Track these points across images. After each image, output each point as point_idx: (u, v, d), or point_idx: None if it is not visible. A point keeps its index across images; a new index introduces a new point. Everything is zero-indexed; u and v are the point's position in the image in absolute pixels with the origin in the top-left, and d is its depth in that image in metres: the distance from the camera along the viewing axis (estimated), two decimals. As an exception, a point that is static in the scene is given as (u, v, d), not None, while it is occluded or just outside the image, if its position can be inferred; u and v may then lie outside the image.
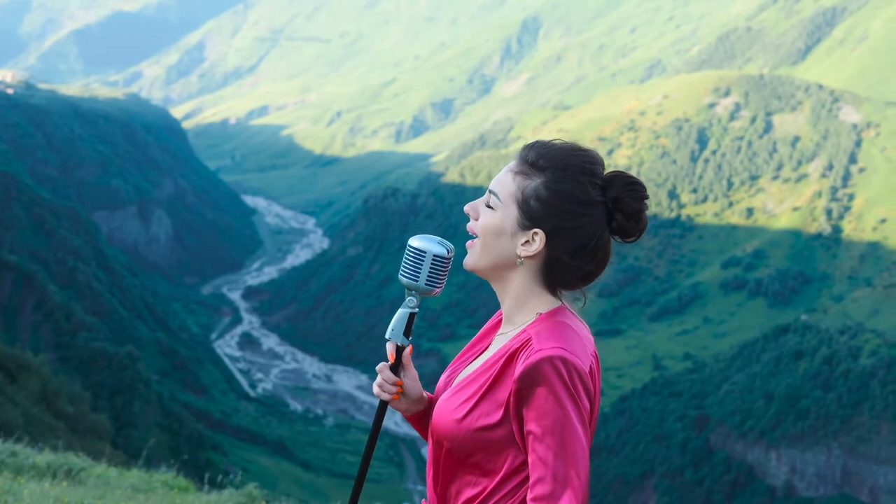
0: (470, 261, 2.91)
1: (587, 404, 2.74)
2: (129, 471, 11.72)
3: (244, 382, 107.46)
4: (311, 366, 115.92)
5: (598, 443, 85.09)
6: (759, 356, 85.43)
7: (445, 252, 2.81)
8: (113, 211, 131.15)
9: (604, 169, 2.86)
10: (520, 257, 2.83)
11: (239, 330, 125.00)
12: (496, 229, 2.84)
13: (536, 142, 2.88)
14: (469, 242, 2.91)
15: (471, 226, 2.91)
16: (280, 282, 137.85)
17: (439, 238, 2.83)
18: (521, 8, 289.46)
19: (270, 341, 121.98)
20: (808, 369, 79.93)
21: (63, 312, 78.93)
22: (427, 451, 3.03)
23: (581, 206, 2.78)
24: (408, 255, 2.81)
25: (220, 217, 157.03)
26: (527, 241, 2.82)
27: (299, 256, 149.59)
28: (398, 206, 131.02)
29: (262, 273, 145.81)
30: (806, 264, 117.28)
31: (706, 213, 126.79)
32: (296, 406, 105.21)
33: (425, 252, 2.80)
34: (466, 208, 2.93)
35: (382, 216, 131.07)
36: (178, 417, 75.43)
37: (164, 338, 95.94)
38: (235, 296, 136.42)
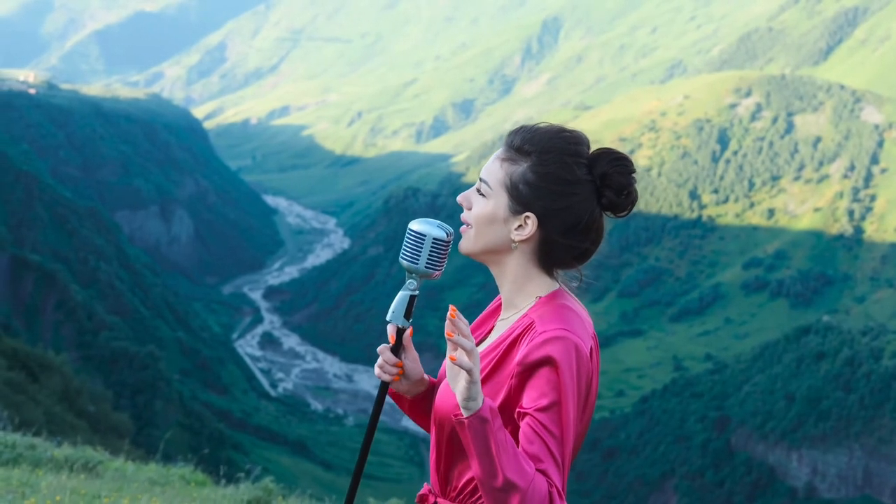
0: (465, 245, 2.95)
1: (584, 387, 2.78)
2: (146, 465, 11.81)
3: (265, 382, 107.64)
4: (332, 365, 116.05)
5: (618, 443, 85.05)
6: (780, 357, 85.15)
7: (445, 235, 2.84)
8: (134, 211, 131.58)
9: (589, 148, 2.90)
10: (514, 242, 2.88)
11: (260, 329, 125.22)
12: (489, 217, 2.89)
13: (521, 127, 2.92)
14: (463, 228, 2.96)
15: (464, 216, 2.95)
16: (301, 281, 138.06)
17: (439, 221, 2.87)
18: (542, 8, 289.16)
19: (291, 341, 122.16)
20: (829, 370, 79.61)
21: (85, 312, 79.25)
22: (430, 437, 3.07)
23: (569, 186, 2.82)
24: (408, 238, 2.85)
25: (242, 217, 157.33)
26: (519, 226, 2.86)
27: (320, 256, 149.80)
28: (419, 206, 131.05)
29: (282, 273, 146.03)
30: (827, 265, 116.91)
31: (727, 214, 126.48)
32: (316, 406, 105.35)
33: (425, 235, 2.84)
34: (459, 198, 2.96)
35: (403, 216, 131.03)
36: (199, 416, 75.61)
37: (186, 337, 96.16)
38: (256, 295, 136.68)
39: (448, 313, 2.72)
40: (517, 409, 2.78)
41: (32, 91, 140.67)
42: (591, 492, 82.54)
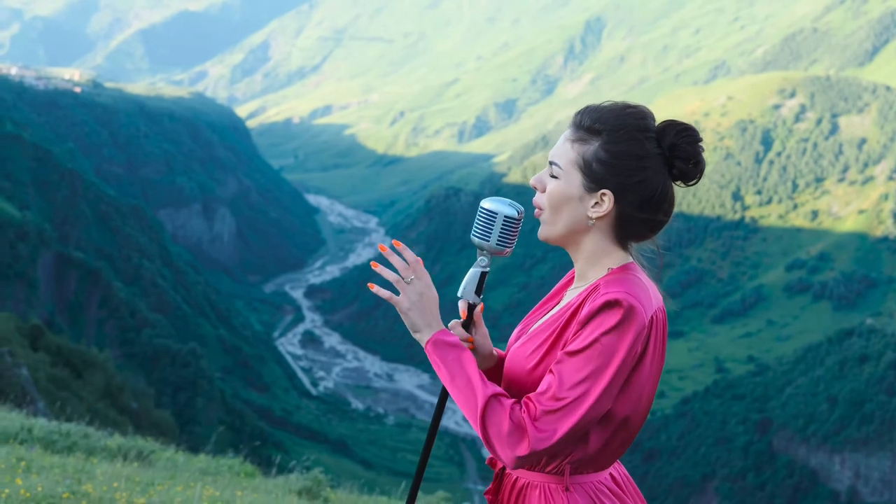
0: (544, 231, 2.99)
1: (637, 350, 2.81)
2: (196, 456, 11.93)
3: (306, 380, 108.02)
4: (373, 364, 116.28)
5: (659, 445, 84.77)
6: (823, 360, 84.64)
7: (516, 213, 2.91)
8: (177, 209, 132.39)
9: (655, 121, 2.98)
10: (591, 219, 2.93)
11: (301, 328, 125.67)
12: (564, 196, 2.93)
13: (587, 107, 2.98)
14: (537, 212, 3.01)
15: (537, 199, 2.99)
16: (342, 280, 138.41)
17: (510, 200, 2.93)
18: (584, 8, 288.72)
19: (332, 340, 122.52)
20: (872, 373, 79.08)
21: (128, 309, 79.81)
22: None
23: (641, 161, 2.89)
24: (480, 216, 2.91)
25: (283, 216, 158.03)
26: (596, 203, 2.92)
27: (361, 255, 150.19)
28: (460, 206, 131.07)
29: (324, 272, 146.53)
30: (871, 267, 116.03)
31: (770, 215, 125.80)
32: (357, 405, 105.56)
33: (496, 213, 2.90)
34: (532, 181, 3.01)
35: (444, 216, 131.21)
36: (240, 414, 75.94)
37: (227, 335, 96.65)
38: (298, 294, 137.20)
39: (392, 243, 2.85)
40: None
41: (78, 90, 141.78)
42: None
